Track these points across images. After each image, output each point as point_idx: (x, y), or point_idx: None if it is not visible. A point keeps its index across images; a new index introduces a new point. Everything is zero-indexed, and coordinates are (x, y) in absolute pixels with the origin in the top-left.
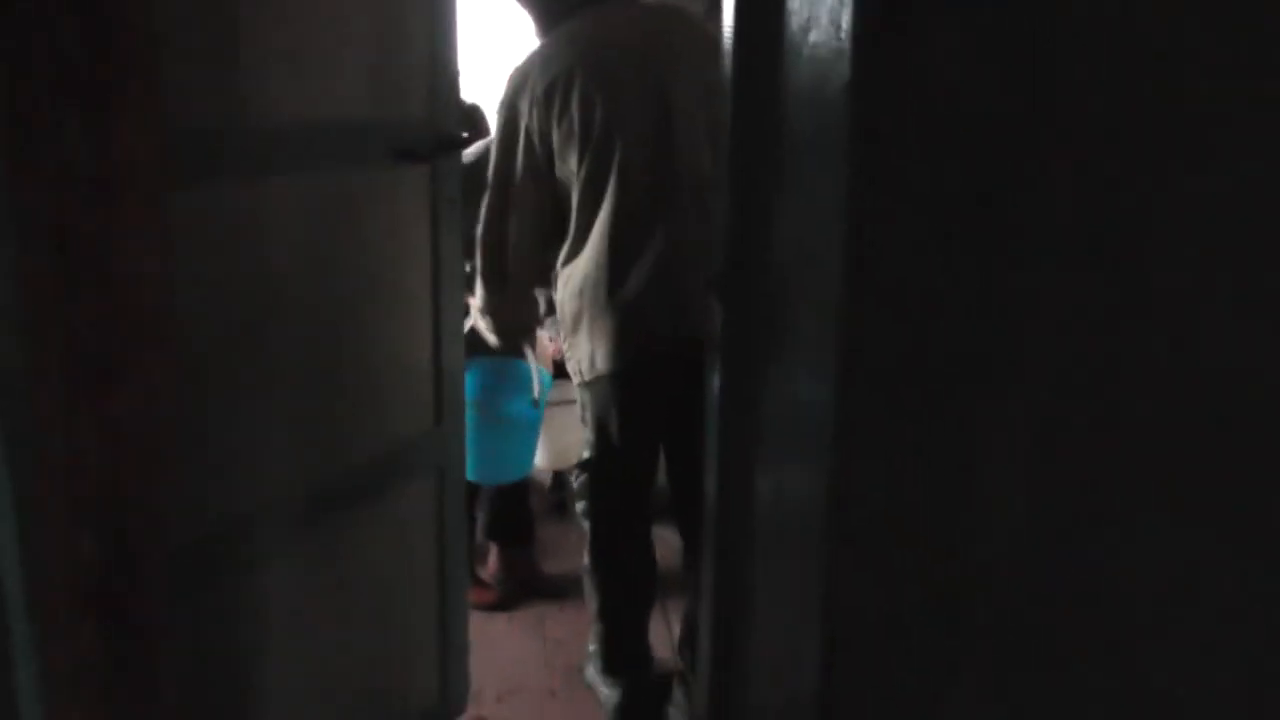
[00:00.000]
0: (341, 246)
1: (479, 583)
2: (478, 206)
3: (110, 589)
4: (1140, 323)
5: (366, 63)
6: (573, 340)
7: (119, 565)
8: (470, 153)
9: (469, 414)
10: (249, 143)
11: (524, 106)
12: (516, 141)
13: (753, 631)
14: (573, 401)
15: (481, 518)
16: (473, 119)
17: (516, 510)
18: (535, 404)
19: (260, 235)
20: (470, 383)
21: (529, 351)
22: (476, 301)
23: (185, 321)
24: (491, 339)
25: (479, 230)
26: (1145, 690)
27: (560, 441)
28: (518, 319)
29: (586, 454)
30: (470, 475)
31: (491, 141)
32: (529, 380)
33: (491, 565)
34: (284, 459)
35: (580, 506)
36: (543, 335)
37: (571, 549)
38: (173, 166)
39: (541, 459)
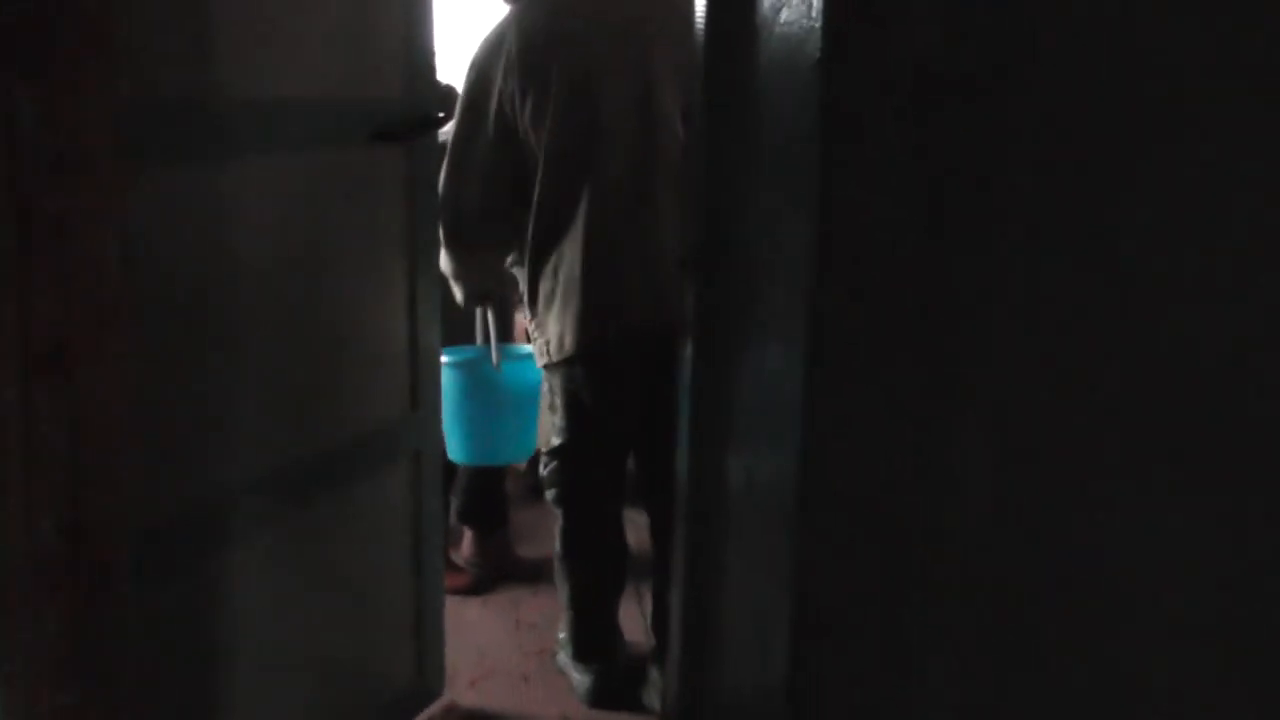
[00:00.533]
0: (315, 228)
1: (452, 567)
2: None
3: (73, 575)
4: (1106, 304)
5: (341, 40)
6: (542, 319)
7: (82, 551)
8: (446, 133)
9: (463, 392)
10: (216, 119)
11: (497, 69)
12: (487, 103)
13: (724, 614)
14: None
15: (455, 502)
16: (449, 100)
17: (491, 494)
18: (495, 366)
19: (229, 216)
20: (466, 358)
21: (490, 315)
22: (442, 263)
23: (150, 304)
24: (459, 298)
25: (439, 192)
26: (1115, 671)
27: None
28: (483, 283)
29: (555, 440)
30: (462, 457)
31: (460, 101)
32: (519, 357)
33: (465, 549)
34: (255, 443)
35: (551, 494)
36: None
37: (546, 533)
38: (134, 143)
39: None
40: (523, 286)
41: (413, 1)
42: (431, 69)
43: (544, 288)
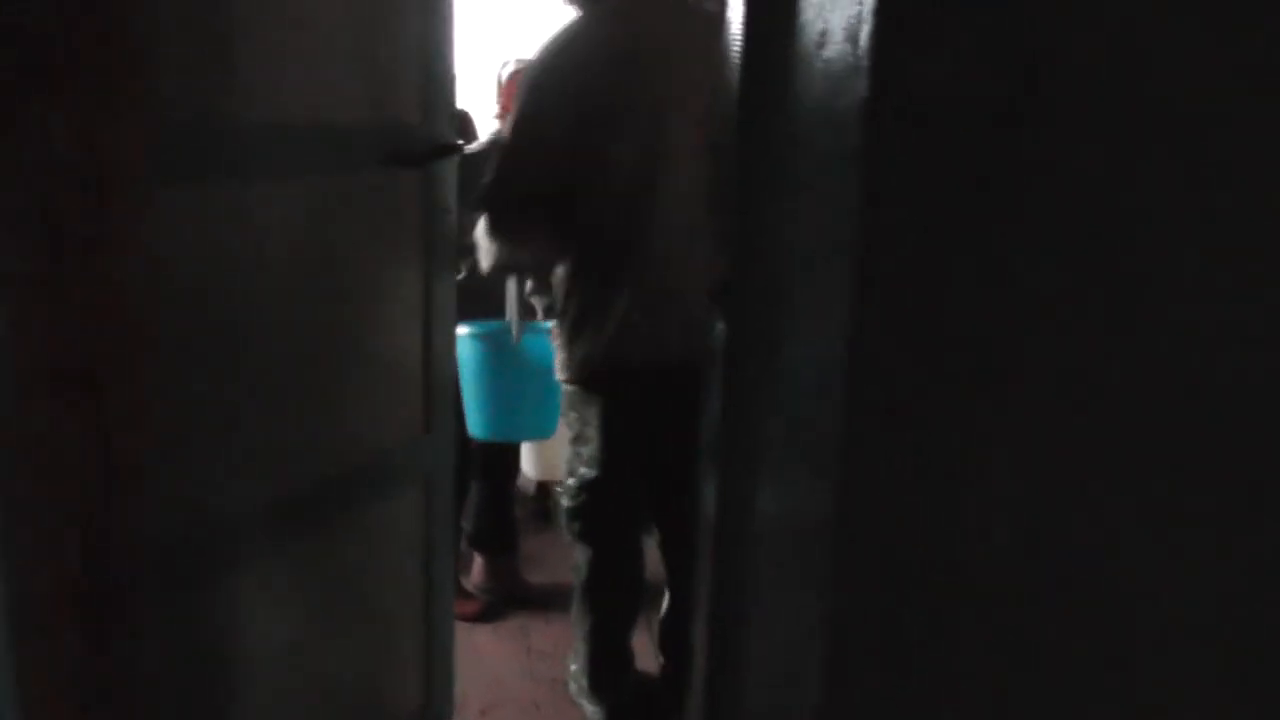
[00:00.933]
0: (331, 252)
1: (462, 593)
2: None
3: (93, 593)
4: (1146, 328)
5: (360, 66)
6: (584, 334)
7: (102, 569)
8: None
9: (485, 366)
10: (238, 144)
11: (567, 80)
12: (561, 98)
13: (750, 646)
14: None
15: (466, 526)
16: (462, 125)
17: (502, 519)
18: (515, 339)
19: (250, 239)
20: (488, 330)
21: (512, 288)
22: (476, 231)
23: (172, 325)
24: (484, 266)
25: (491, 176)
26: (1150, 707)
27: (551, 449)
28: (514, 258)
29: (587, 471)
30: (481, 432)
31: (519, 104)
32: (537, 336)
33: (475, 575)
34: (271, 465)
35: (576, 527)
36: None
37: (555, 559)
38: (161, 166)
39: (530, 468)
40: (558, 300)
41: (432, 29)
42: (450, 94)
43: (591, 302)
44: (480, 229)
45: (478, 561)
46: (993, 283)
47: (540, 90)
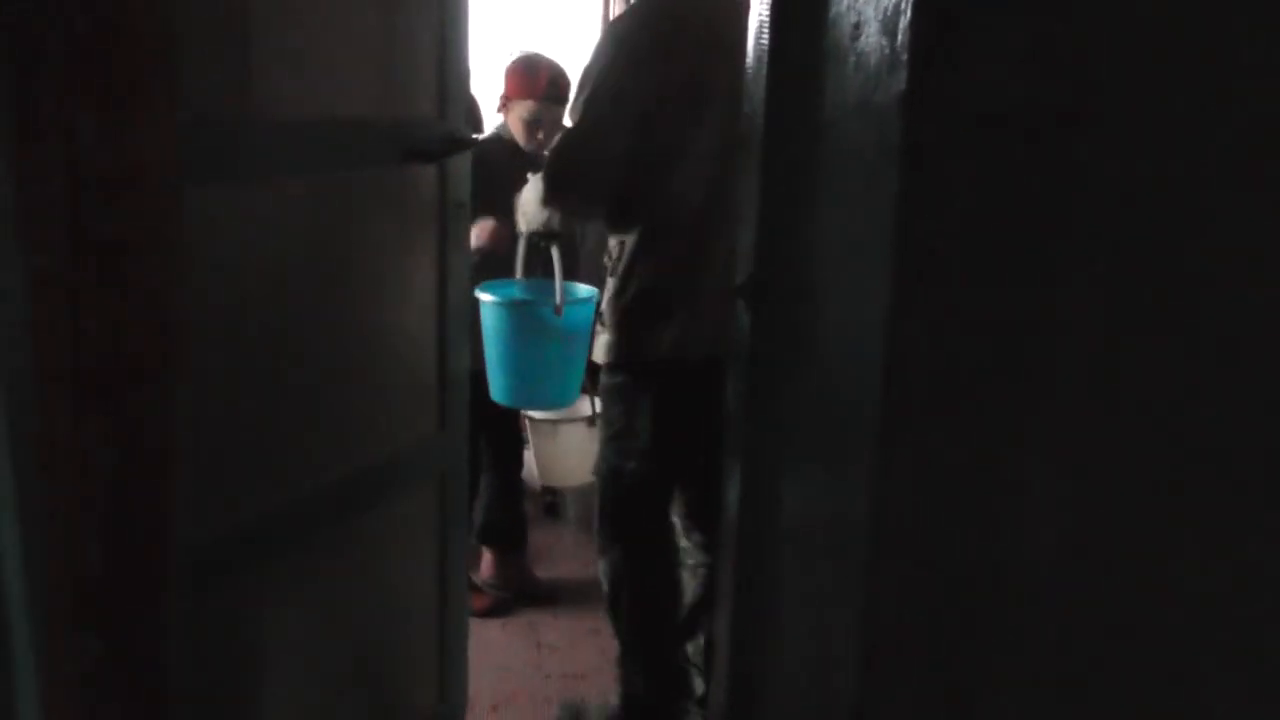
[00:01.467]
0: (350, 249)
1: (471, 588)
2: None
3: (115, 594)
4: (1188, 338)
5: (376, 61)
6: (649, 319)
7: (124, 570)
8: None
9: (511, 332)
10: (256, 142)
11: (654, 57)
12: (636, 89)
13: (776, 642)
14: (581, 419)
15: (476, 521)
16: (470, 114)
17: (510, 514)
18: (557, 310)
19: (267, 237)
20: (509, 294)
21: (556, 256)
22: (531, 190)
23: (193, 325)
24: (521, 228)
25: (565, 135)
26: (1184, 711)
27: (560, 460)
28: (558, 228)
29: (633, 464)
30: (504, 399)
31: (596, 59)
32: (573, 300)
33: (484, 570)
34: (289, 464)
35: (609, 530)
36: None
37: (563, 554)
38: (185, 166)
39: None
40: (614, 280)
41: (447, 25)
42: (465, 88)
43: (657, 287)
44: (531, 191)
45: (486, 556)
46: (1033, 282)
47: (621, 64)
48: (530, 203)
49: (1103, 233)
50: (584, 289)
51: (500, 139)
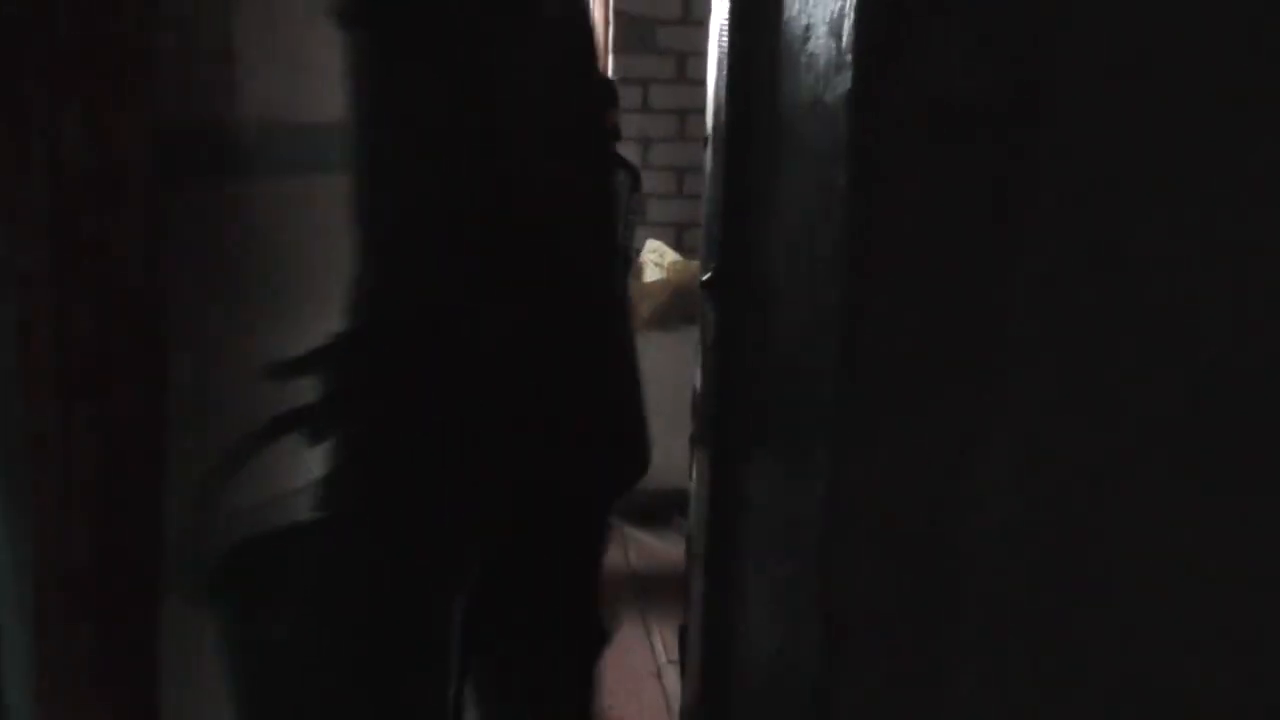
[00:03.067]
0: (340, 250)
1: None
2: None
3: (107, 591)
4: (1143, 326)
5: None
6: None
7: (116, 567)
8: None
9: None
10: (245, 142)
11: None
12: None
13: (744, 628)
14: None
15: None
16: None
17: None
18: None
19: (259, 237)
20: None
21: None
22: None
23: (181, 324)
24: None
25: None
26: (1145, 677)
27: None
28: None
29: None
30: None
31: None
32: None
33: None
34: (281, 461)
35: None
36: None
37: None
38: (169, 165)
39: None
40: None
41: None
42: None
43: None
44: None
45: None
46: (985, 276)
47: None
48: None
49: (1056, 226)
50: None
51: None
